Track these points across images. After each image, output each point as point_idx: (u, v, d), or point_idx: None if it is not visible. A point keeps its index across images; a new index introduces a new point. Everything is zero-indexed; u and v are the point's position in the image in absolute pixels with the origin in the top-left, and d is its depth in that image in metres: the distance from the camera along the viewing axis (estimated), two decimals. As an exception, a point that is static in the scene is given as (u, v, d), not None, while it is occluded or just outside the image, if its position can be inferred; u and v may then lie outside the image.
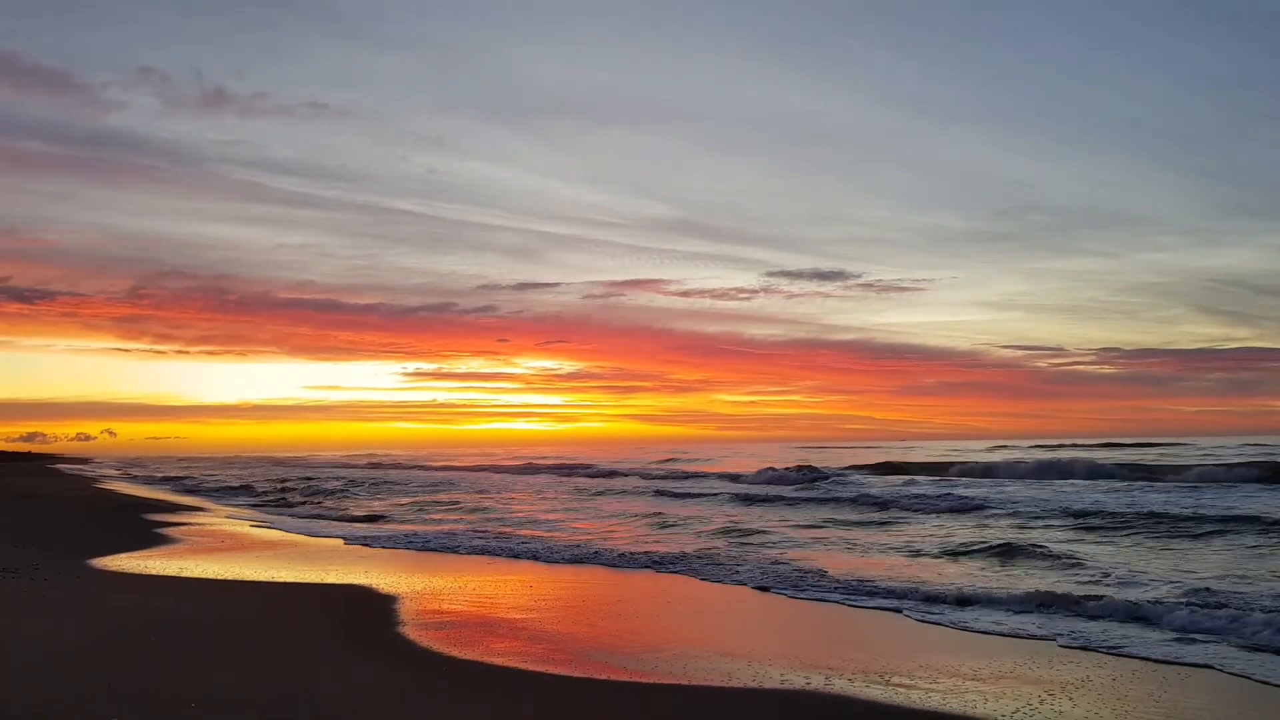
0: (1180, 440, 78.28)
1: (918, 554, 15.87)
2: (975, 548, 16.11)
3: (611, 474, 52.10)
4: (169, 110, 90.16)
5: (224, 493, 40.27)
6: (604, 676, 7.84)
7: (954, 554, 15.71)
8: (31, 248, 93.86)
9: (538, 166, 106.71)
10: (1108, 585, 12.15)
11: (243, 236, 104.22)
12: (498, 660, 8.44)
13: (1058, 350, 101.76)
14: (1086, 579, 12.75)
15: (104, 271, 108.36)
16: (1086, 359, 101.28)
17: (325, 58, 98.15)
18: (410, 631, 9.78)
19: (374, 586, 12.85)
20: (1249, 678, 7.79)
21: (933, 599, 11.35)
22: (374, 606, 11.38)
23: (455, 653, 8.76)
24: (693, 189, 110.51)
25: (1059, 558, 14.60)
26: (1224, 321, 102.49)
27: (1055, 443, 73.76)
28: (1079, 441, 73.65)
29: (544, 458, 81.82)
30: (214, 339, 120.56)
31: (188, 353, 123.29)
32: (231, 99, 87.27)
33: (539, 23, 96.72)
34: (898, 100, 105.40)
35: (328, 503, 32.68)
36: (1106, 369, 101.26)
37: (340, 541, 19.41)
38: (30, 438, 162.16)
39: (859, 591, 12.02)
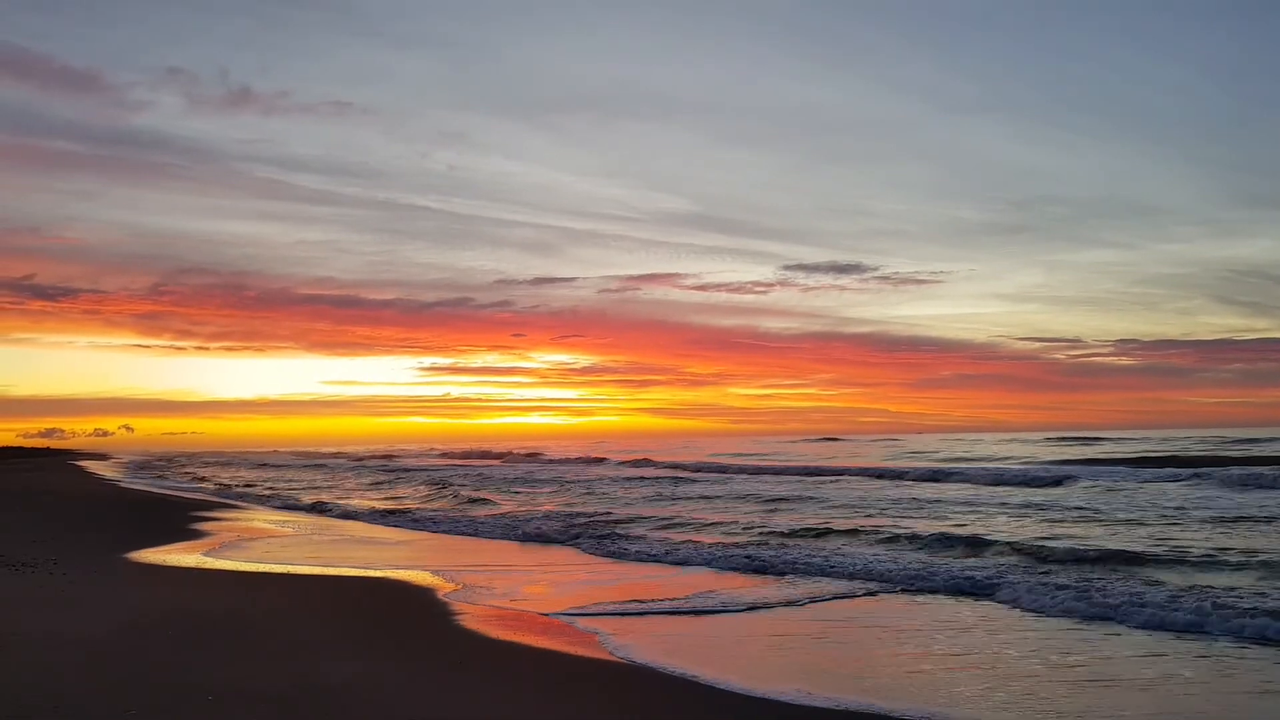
0: (1116, 432, 77.85)
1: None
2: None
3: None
4: (193, 109, 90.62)
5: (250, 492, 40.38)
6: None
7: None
8: (55, 245, 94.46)
9: (555, 161, 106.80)
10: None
11: (263, 233, 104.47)
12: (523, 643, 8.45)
13: (1075, 342, 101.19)
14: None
15: (126, 269, 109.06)
16: (1104, 350, 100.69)
17: (348, 56, 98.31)
18: (441, 626, 9.77)
19: (407, 580, 12.88)
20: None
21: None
22: (405, 600, 11.41)
23: (486, 651, 8.76)
24: (709, 182, 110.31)
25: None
26: (1243, 312, 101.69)
27: (1071, 435, 73.45)
28: (1091, 434, 73.34)
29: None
30: (233, 335, 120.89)
31: (207, 349, 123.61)
32: (256, 98, 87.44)
33: (557, 18, 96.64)
34: (914, 92, 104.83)
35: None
36: (1124, 360, 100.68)
37: (365, 528, 19.38)
38: (49, 433, 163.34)
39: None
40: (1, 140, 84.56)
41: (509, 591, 12.02)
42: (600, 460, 60.96)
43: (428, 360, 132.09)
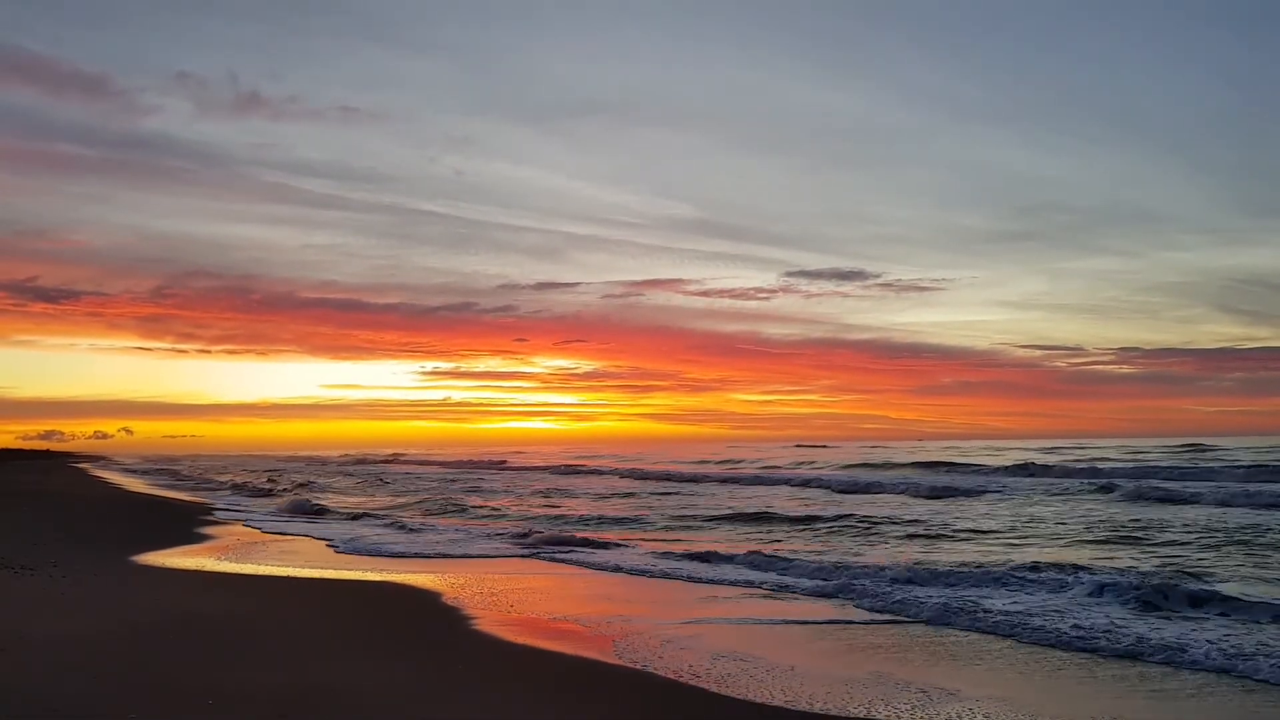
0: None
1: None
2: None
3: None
4: (202, 114, 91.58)
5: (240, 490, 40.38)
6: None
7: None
8: (61, 248, 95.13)
9: (562, 167, 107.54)
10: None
11: (270, 237, 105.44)
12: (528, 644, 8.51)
13: (1077, 350, 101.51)
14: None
15: (131, 271, 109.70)
16: (1106, 359, 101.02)
17: (357, 61, 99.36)
18: (441, 629, 9.81)
19: (410, 584, 12.95)
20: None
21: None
22: (405, 603, 11.47)
23: (484, 651, 8.80)
24: (714, 188, 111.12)
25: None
26: (1244, 321, 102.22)
27: (1068, 444, 73.53)
28: (1090, 443, 73.43)
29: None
30: (236, 338, 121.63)
31: (209, 352, 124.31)
32: (264, 103, 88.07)
33: (564, 24, 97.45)
34: (919, 99, 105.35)
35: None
36: (1126, 369, 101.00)
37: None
38: (47, 435, 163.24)
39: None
40: (10, 143, 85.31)
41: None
42: (568, 468, 61.53)
43: (430, 365, 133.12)
